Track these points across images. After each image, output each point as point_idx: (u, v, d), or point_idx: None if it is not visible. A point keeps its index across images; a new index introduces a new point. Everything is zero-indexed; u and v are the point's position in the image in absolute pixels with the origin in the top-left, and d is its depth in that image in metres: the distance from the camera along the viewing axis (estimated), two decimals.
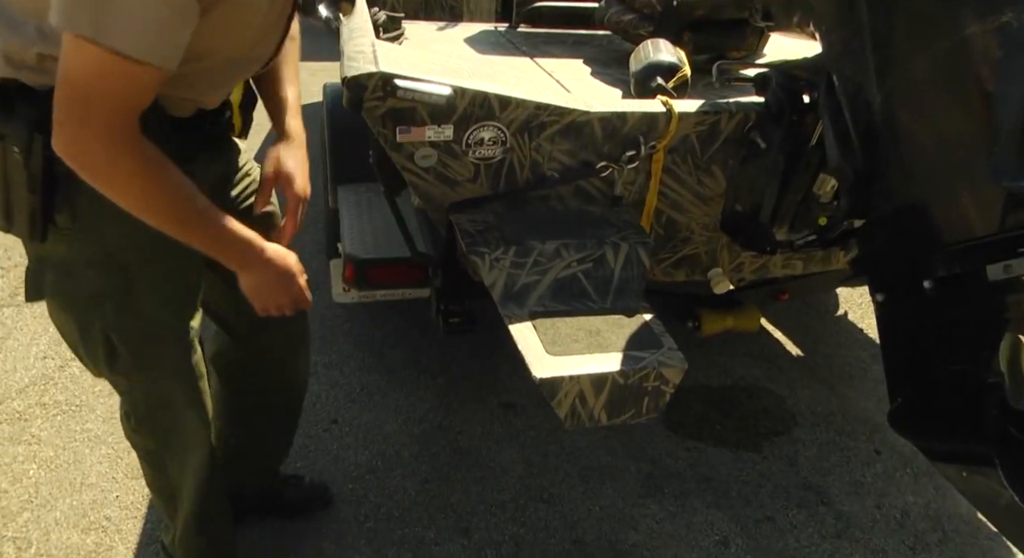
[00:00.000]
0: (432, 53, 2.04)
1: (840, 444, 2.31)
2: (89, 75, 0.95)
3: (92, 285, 1.21)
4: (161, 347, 1.31)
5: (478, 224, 1.58)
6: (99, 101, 0.96)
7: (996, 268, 1.25)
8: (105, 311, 1.23)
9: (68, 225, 1.15)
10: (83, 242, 1.18)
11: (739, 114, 1.68)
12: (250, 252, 1.18)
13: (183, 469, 1.47)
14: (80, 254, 1.19)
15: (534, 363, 1.35)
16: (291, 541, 1.84)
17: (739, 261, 1.97)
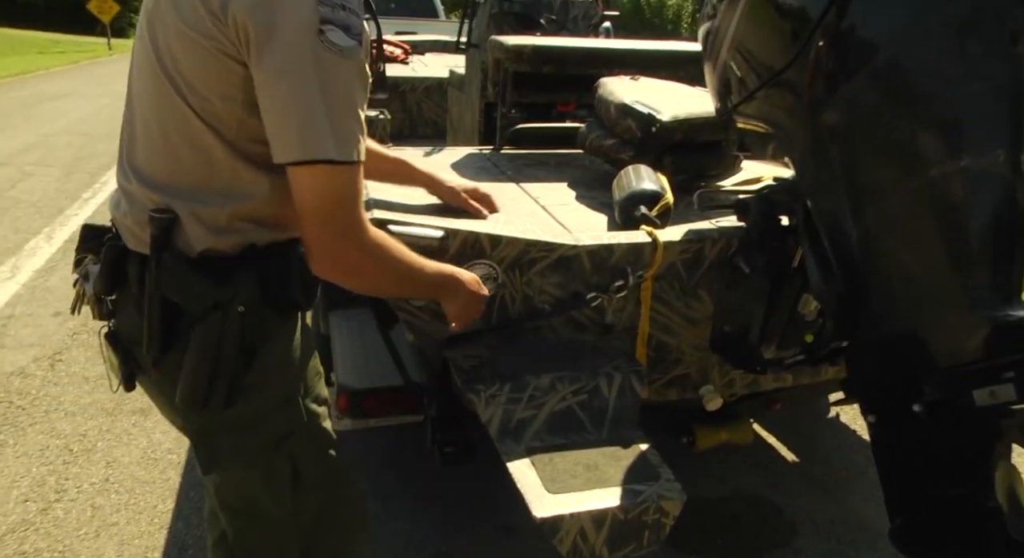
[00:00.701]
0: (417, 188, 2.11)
1: (842, 554, 2.28)
2: (330, 192, 1.07)
3: (279, 427, 1.28)
4: (333, 459, 1.40)
5: (472, 359, 1.61)
6: (343, 212, 1.09)
7: (983, 393, 1.29)
8: (292, 445, 1.29)
9: (255, 378, 1.19)
10: (267, 391, 1.24)
11: (722, 240, 1.75)
12: (454, 282, 1.37)
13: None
14: (263, 404, 1.24)
15: (534, 502, 1.35)
16: None
17: (730, 377, 2.00)
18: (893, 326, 1.43)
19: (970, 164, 1.26)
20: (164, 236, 1.11)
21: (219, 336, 1.12)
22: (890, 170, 1.35)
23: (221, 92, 1.08)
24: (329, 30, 1.02)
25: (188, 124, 1.09)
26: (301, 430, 1.31)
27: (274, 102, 1.04)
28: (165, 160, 1.13)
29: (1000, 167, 1.27)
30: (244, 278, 1.13)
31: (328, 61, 1.03)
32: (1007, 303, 1.30)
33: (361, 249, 1.14)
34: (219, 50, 1.05)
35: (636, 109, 2.19)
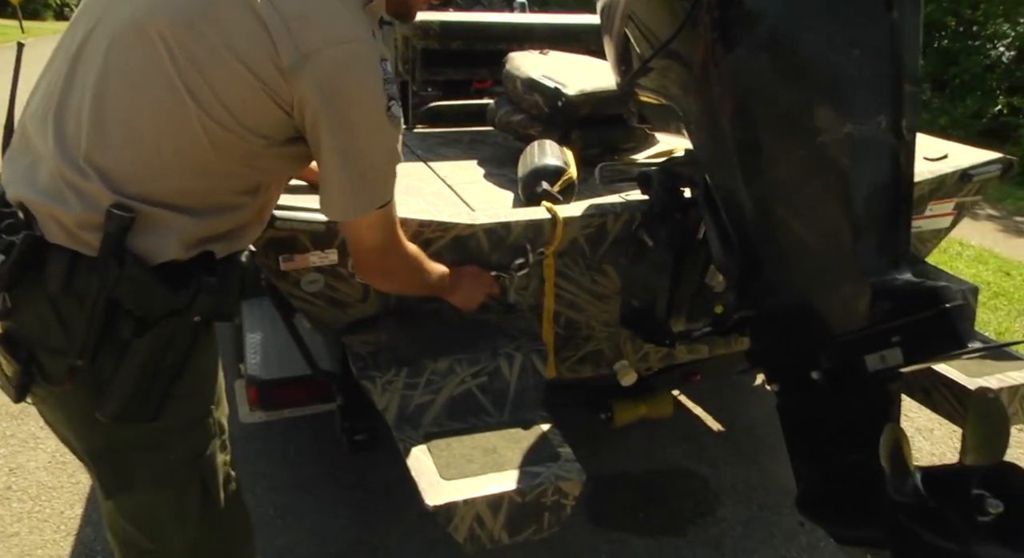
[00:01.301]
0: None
1: (764, 520, 2.31)
2: (383, 228, 1.25)
3: (195, 445, 1.24)
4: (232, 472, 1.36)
5: (370, 345, 1.56)
6: (393, 237, 1.29)
7: (874, 359, 1.30)
8: (203, 462, 1.25)
9: (182, 392, 1.17)
10: (188, 405, 1.21)
11: (624, 214, 1.73)
12: (452, 279, 1.52)
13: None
14: (184, 419, 1.21)
15: (427, 490, 1.32)
16: None
17: (644, 351, 1.99)
18: (789, 295, 1.43)
19: (853, 131, 1.26)
20: (120, 236, 1.05)
21: (166, 345, 1.10)
22: (776, 139, 1.35)
23: (254, 129, 1.10)
24: (393, 105, 1.13)
25: (193, 144, 1.08)
26: (213, 446, 1.27)
27: (346, 170, 1.14)
28: (147, 167, 1.08)
29: (882, 133, 1.27)
30: (205, 288, 1.11)
31: (392, 131, 1.15)
32: (892, 268, 1.31)
33: (402, 259, 1.35)
34: (269, 96, 1.08)
35: (542, 84, 2.16)
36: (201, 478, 1.25)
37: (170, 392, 1.13)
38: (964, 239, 5.22)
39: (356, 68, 1.08)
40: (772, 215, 1.40)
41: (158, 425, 1.15)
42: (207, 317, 1.13)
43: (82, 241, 1.06)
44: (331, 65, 1.06)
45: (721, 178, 1.48)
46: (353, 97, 1.09)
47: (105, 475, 1.20)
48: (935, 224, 2.18)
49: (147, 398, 1.10)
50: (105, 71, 1.08)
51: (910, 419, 2.89)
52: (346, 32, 1.08)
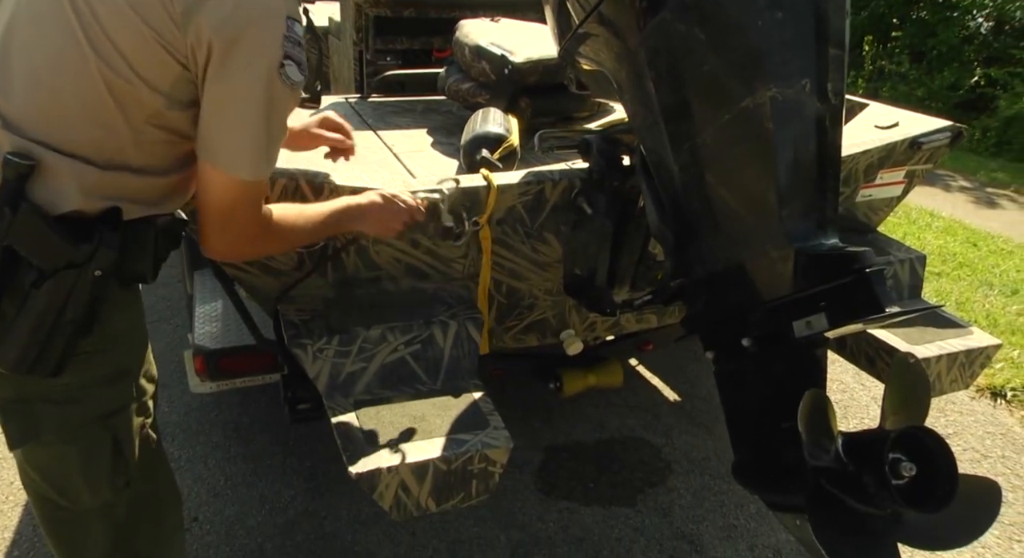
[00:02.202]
0: None
1: (715, 488, 2.33)
2: (233, 199, 1.15)
3: (107, 403, 1.22)
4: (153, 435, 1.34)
5: (304, 313, 1.55)
6: (245, 216, 1.18)
7: (800, 325, 1.30)
8: (117, 422, 1.24)
9: (90, 347, 1.15)
10: (100, 361, 1.19)
11: (563, 181, 1.71)
12: (357, 211, 1.40)
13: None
14: (94, 375, 1.19)
15: (351, 458, 1.32)
16: None
17: (591, 321, 1.99)
18: (718, 262, 1.42)
19: (777, 94, 1.25)
20: (19, 183, 1.03)
21: (65, 298, 1.07)
22: (701, 105, 1.33)
23: (151, 81, 1.08)
24: (288, 65, 1.09)
25: (94, 93, 1.06)
26: (129, 407, 1.25)
27: (221, 117, 1.10)
28: (48, 115, 1.07)
29: (806, 96, 1.26)
30: (106, 241, 1.08)
31: (280, 93, 1.10)
32: (819, 233, 1.30)
33: (251, 243, 1.24)
34: (161, 45, 1.05)
35: (490, 51, 2.13)
36: (113, 437, 1.23)
37: (74, 347, 1.11)
38: (935, 210, 5.25)
39: (252, 14, 1.06)
40: (700, 181, 1.39)
41: (65, 380, 1.13)
42: (108, 272, 1.09)
43: None
44: (227, 6, 1.04)
45: (651, 144, 1.47)
46: (243, 43, 1.05)
47: (10, 424, 1.19)
48: (886, 192, 2.18)
49: (46, 350, 1.08)
50: (15, 17, 1.08)
51: (867, 388, 2.92)
52: None
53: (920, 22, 8.46)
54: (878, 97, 6.15)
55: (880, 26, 8.74)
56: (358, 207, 1.40)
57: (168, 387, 2.73)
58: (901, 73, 8.24)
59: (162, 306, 3.10)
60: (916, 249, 2.21)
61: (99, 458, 1.23)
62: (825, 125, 1.28)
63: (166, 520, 1.40)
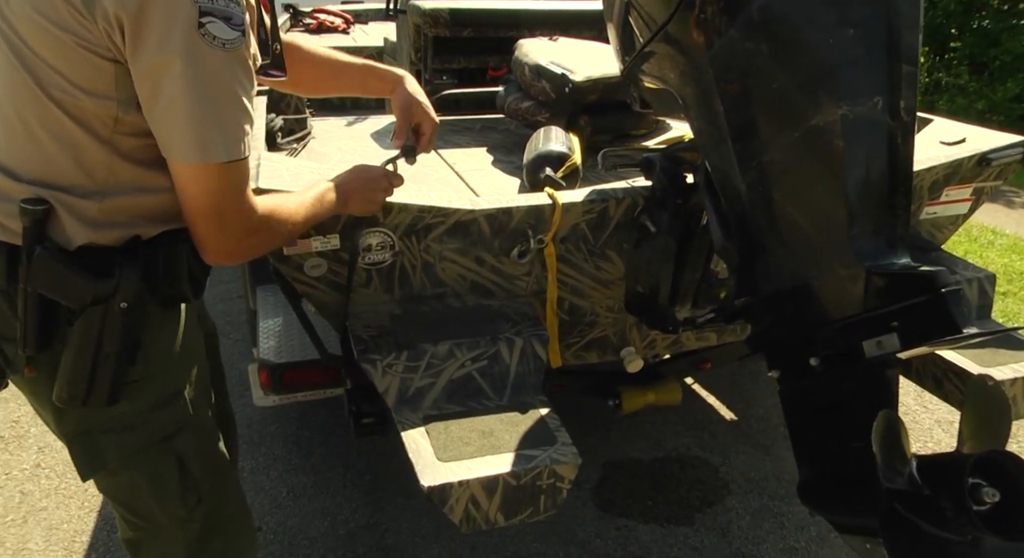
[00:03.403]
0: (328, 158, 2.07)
1: (774, 509, 2.30)
2: (219, 191, 1.06)
3: (164, 426, 1.22)
4: (219, 452, 1.34)
5: (372, 329, 1.58)
6: (232, 207, 1.08)
7: (871, 344, 1.29)
8: (178, 443, 1.23)
9: (139, 375, 1.14)
10: (152, 387, 1.18)
11: (627, 199, 1.72)
12: (340, 194, 1.34)
13: None
14: (147, 401, 1.18)
15: (423, 471, 1.34)
16: None
17: (651, 338, 1.99)
18: (786, 280, 1.42)
19: (847, 112, 1.25)
20: (37, 228, 1.03)
21: (99, 332, 1.07)
22: (769, 123, 1.33)
23: (91, 90, 1.01)
24: (210, 22, 0.96)
25: (54, 120, 1.02)
26: (187, 426, 1.26)
27: (156, 101, 0.99)
28: (30, 154, 1.05)
29: (877, 114, 1.25)
30: (127, 272, 1.07)
31: (210, 55, 0.98)
32: (889, 252, 1.29)
33: (251, 235, 1.15)
34: (83, 47, 0.97)
35: (550, 70, 2.16)
36: (177, 458, 1.24)
37: (124, 376, 1.11)
38: (998, 228, 5.11)
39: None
40: (767, 199, 1.39)
41: (121, 408, 1.14)
42: (136, 301, 1.08)
43: (13, 232, 1.05)
44: None
45: (717, 162, 1.47)
46: (149, 10, 0.94)
47: (78, 457, 1.20)
48: (952, 210, 2.14)
49: (94, 383, 1.08)
50: None
51: (929, 411, 2.85)
52: None
53: (981, 31, 8.24)
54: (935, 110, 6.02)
55: (937, 37, 8.55)
56: (342, 187, 1.35)
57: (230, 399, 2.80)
58: (960, 85, 8.04)
59: (221, 322, 3.17)
60: (983, 268, 2.16)
61: (166, 480, 1.24)
62: (897, 143, 1.27)
63: (238, 535, 1.41)
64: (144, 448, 1.21)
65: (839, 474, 1.40)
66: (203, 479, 1.29)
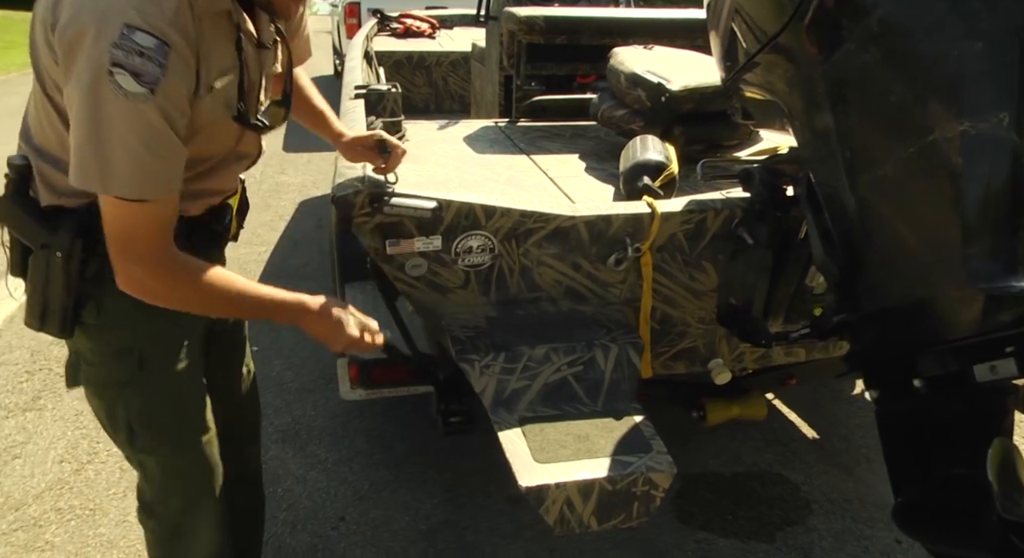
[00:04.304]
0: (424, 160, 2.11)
1: (858, 533, 2.25)
2: (120, 222, 1.13)
3: (115, 374, 1.35)
4: (176, 423, 1.42)
5: (469, 330, 1.61)
6: (136, 241, 1.15)
7: (983, 369, 1.25)
8: (127, 396, 1.36)
9: (93, 321, 1.29)
10: (106, 336, 1.32)
11: (725, 211, 1.72)
12: (296, 310, 1.32)
13: (193, 548, 1.51)
14: (105, 347, 1.33)
15: (521, 471, 1.36)
16: None
17: (739, 351, 1.98)
18: (892, 298, 1.39)
19: (970, 128, 1.21)
20: (19, 179, 1.23)
21: (45, 272, 1.23)
22: (885, 136, 1.31)
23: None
24: (119, 73, 1.05)
25: (46, 107, 1.19)
26: (133, 383, 1.35)
27: (74, 130, 1.09)
28: (36, 127, 1.24)
29: (1003, 130, 1.22)
30: (63, 230, 1.21)
31: (111, 101, 1.05)
32: (1008, 274, 1.25)
33: (156, 278, 1.18)
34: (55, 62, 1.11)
35: (646, 79, 2.16)
36: (124, 404, 1.36)
37: (77, 317, 1.28)
38: None
39: (82, 18, 1.05)
40: (877, 215, 1.37)
41: (87, 344, 1.32)
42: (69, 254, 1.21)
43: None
44: (67, 12, 1.06)
45: (825, 176, 1.46)
46: (71, 46, 1.05)
47: (66, 369, 1.42)
48: None
49: (48, 313, 1.26)
50: None
51: None
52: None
53: None
54: None
55: None
56: (300, 312, 1.32)
57: (313, 392, 2.88)
58: None
59: None
60: None
61: (116, 420, 1.38)
62: (1022, 161, 1.24)
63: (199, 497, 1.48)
64: (103, 384, 1.36)
65: (942, 501, 1.36)
66: (142, 436, 1.39)
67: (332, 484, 2.37)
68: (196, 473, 1.47)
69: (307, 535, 2.18)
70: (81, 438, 2.57)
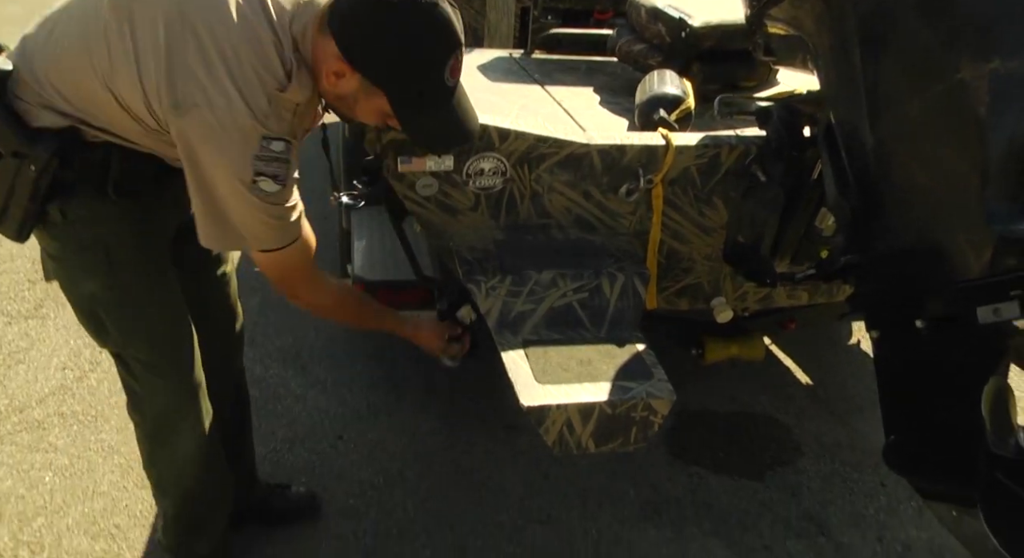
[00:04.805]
0: None
1: (845, 475, 2.30)
2: (276, 273, 1.38)
3: (83, 267, 1.38)
4: (148, 318, 1.46)
5: (477, 252, 1.61)
6: (294, 284, 1.42)
7: (986, 311, 1.25)
8: (92, 288, 1.40)
9: (58, 221, 1.33)
10: (71, 234, 1.35)
11: (740, 147, 1.70)
12: (404, 328, 1.70)
13: (178, 447, 1.57)
14: (69, 243, 1.36)
15: (523, 391, 1.37)
16: (287, 554, 1.89)
17: (743, 290, 1.99)
18: (903, 239, 1.39)
19: (999, 67, 1.20)
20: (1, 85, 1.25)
21: (12, 179, 1.26)
22: (912, 74, 1.29)
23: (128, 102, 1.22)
24: (261, 180, 1.19)
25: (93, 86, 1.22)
26: (102, 279, 1.38)
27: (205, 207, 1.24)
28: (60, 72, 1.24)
29: None
30: (43, 146, 1.24)
31: (258, 203, 1.21)
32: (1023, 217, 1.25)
33: (309, 304, 1.50)
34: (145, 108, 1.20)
35: (667, 13, 2.12)
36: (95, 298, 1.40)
37: (31, 223, 1.31)
38: None
39: (214, 138, 1.16)
40: (896, 155, 1.36)
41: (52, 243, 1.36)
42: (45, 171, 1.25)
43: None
44: (191, 126, 1.16)
45: (845, 115, 1.44)
46: (204, 163, 1.19)
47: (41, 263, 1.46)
48: None
49: (6, 216, 1.30)
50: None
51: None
52: (219, 100, 1.14)
53: None
54: None
55: None
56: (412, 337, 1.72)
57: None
58: None
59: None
60: None
61: (85, 313, 1.44)
62: None
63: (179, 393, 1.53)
64: (66, 278, 1.41)
65: (933, 439, 1.39)
66: (115, 330, 1.44)
67: (331, 404, 2.41)
68: (174, 371, 1.51)
69: (305, 452, 2.22)
70: (84, 347, 2.60)
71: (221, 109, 1.14)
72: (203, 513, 1.69)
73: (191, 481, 1.62)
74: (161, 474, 1.64)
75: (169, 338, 1.50)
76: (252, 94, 1.16)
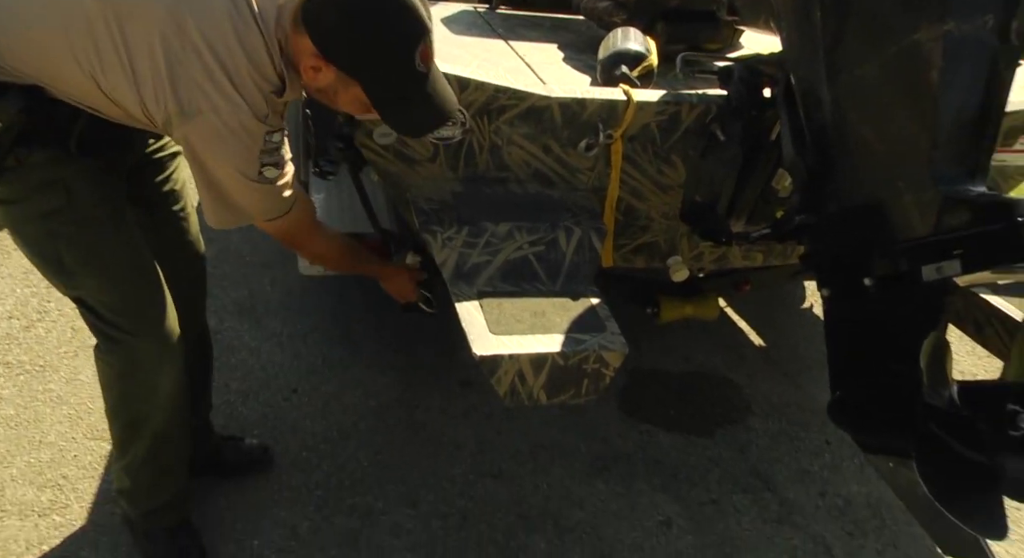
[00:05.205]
0: None
1: (792, 434, 2.36)
2: (288, 230, 1.47)
3: (41, 205, 1.37)
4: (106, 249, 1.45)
5: (434, 203, 1.60)
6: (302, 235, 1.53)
7: (930, 269, 1.29)
8: (52, 224, 1.38)
9: (13, 165, 1.32)
10: (28, 176, 1.34)
11: (700, 105, 1.70)
12: (380, 271, 1.80)
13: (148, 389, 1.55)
14: (27, 184, 1.35)
15: (476, 341, 1.38)
16: (240, 505, 1.88)
17: (699, 250, 2.00)
18: (855, 199, 1.41)
19: (953, 29, 1.21)
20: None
21: None
22: (869, 34, 1.30)
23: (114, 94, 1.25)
24: (267, 170, 1.30)
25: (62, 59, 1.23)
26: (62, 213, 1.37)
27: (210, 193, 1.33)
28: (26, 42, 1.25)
29: (985, 34, 1.22)
30: (10, 101, 1.26)
31: (260, 187, 1.32)
32: (967, 180, 1.28)
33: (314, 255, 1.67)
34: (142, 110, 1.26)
35: None
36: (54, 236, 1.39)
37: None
38: None
39: (220, 141, 1.24)
40: (851, 115, 1.37)
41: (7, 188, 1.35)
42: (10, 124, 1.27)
43: None
44: (197, 130, 1.23)
45: (804, 75, 1.45)
46: (211, 164, 1.28)
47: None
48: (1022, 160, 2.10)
49: None
50: None
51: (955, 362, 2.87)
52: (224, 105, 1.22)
53: None
54: None
55: None
56: (382, 278, 1.80)
57: (271, 267, 2.87)
58: None
59: None
60: None
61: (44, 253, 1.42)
62: (999, 67, 1.24)
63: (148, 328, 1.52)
64: (23, 220, 1.39)
65: (875, 394, 1.43)
66: (74, 264, 1.42)
67: (286, 357, 2.39)
68: (149, 309, 1.50)
69: (259, 405, 2.21)
70: (31, 296, 2.54)
71: (227, 113, 1.22)
72: (172, 455, 1.67)
73: (166, 423, 1.60)
74: (134, 417, 1.59)
75: (135, 277, 1.49)
76: (251, 97, 1.24)
